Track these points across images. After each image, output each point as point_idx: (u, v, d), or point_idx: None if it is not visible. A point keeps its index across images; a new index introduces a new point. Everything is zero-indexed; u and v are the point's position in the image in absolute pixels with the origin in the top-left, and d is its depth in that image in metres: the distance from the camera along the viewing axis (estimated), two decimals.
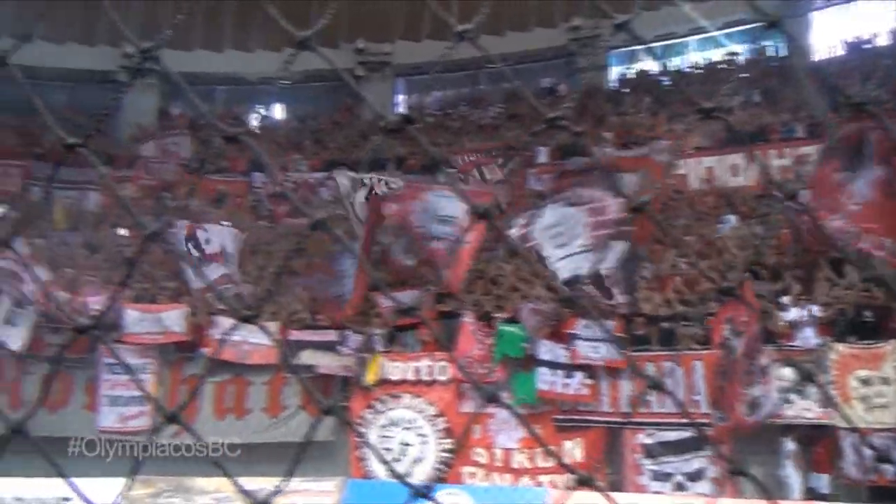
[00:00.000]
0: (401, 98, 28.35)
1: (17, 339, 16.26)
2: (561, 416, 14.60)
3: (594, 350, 14.19)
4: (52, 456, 1.87)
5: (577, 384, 14.33)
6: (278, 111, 28.72)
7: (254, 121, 27.91)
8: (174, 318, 16.13)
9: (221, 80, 27.28)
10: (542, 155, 21.79)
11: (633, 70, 26.33)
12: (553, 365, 14.43)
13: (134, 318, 16.14)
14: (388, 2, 26.11)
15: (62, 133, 1.83)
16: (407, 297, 16.15)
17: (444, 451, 14.99)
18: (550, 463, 14.22)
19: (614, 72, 26.86)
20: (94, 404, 16.15)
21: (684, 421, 13.03)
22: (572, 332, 14.41)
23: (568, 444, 14.37)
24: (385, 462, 2.20)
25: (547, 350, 14.49)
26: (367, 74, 27.17)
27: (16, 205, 21.32)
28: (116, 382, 16.02)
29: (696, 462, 13.60)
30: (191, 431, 1.72)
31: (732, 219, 17.73)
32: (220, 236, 18.06)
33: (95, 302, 16.34)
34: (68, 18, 25.28)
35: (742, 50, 25.15)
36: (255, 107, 28.40)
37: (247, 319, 1.96)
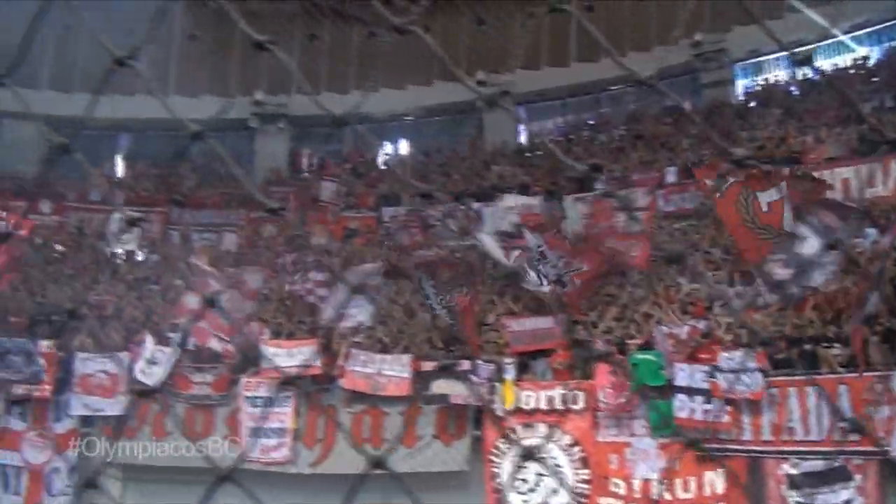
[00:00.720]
0: (523, 126, 28.44)
1: (157, 377, 17.13)
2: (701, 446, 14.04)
3: (737, 382, 13.60)
4: (198, 486, 1.99)
5: (716, 410, 13.73)
6: (404, 146, 29.30)
7: (382, 157, 28.60)
8: (309, 353, 16.57)
9: (349, 120, 28.04)
10: (672, 175, 21.41)
11: (759, 82, 25.59)
12: (691, 391, 13.95)
13: (271, 353, 16.70)
14: (506, 32, 26.34)
15: (266, 200, 1.98)
16: (533, 324, 16.11)
17: (581, 481, 14.73)
18: (691, 494, 13.77)
19: (740, 85, 26.19)
20: (236, 436, 16.75)
21: (831, 449, 12.37)
22: (715, 365, 13.88)
23: (709, 475, 13.88)
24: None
25: (685, 375, 14.03)
26: (489, 105, 27.40)
27: (156, 249, 22.56)
28: (256, 415, 16.60)
29: (844, 493, 12.81)
30: (398, 478, 1.81)
31: (872, 232, 16.84)
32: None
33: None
34: (201, 73, 26.61)
35: (871, 52, 24.08)
36: (382, 143, 29.07)
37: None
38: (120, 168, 28.47)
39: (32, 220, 22.98)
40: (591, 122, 27.15)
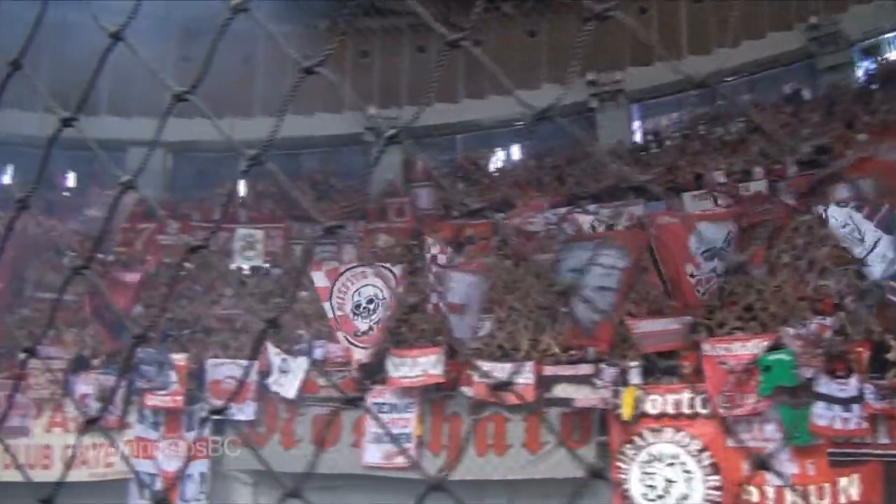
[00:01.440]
0: (637, 124, 27.91)
1: (290, 386, 17.58)
2: (835, 450, 13.37)
3: (878, 398, 12.94)
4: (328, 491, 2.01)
5: (857, 418, 13.02)
6: (515, 151, 29.14)
7: (494, 163, 28.57)
8: (432, 362, 16.67)
9: (460, 128, 28.24)
10: (793, 166, 20.58)
11: (879, 62, 24.32)
12: (830, 399, 13.27)
13: (394, 363, 16.89)
14: (614, 29, 25.90)
15: (468, 201, 2.01)
16: (658, 325, 15.74)
17: (712, 488, 14.29)
18: (826, 501, 13.17)
19: (860, 67, 24.95)
20: (361, 442, 17.00)
21: None
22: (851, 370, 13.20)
23: (843, 481, 13.22)
24: None
25: (823, 383, 13.39)
26: (600, 105, 27.06)
27: (279, 263, 23.22)
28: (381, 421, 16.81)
29: None
30: (610, 481, 1.79)
31: None
32: (462, 284, 18.08)
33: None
34: (315, 92, 27.21)
35: None
36: (493, 149, 29.02)
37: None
38: (241, 188, 29.34)
39: (161, 240, 24.03)
40: (708, 116, 26.37)
